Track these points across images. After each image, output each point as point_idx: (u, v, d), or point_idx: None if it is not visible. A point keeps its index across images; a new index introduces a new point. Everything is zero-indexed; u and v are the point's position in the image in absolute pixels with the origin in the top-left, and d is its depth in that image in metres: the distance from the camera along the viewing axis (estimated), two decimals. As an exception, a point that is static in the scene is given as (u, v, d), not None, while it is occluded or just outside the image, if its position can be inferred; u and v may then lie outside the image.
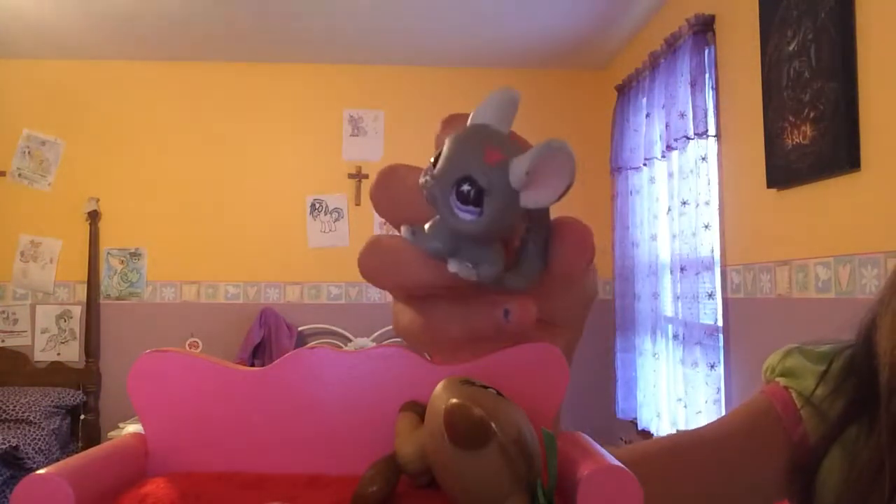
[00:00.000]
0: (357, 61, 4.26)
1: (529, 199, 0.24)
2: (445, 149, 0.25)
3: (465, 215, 0.24)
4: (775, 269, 2.42)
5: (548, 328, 0.31)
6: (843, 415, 0.56)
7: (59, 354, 4.14)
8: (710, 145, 2.83)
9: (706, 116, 2.81)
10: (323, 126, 4.31)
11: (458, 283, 0.26)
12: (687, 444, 0.62)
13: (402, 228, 0.26)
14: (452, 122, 0.27)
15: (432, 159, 0.25)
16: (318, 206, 4.28)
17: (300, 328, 4.15)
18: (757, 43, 2.46)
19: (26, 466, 3.32)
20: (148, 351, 0.27)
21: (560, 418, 0.33)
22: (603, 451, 0.24)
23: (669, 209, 3.12)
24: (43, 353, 4.13)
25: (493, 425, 0.21)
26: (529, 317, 0.26)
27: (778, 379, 0.62)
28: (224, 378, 0.27)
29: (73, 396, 3.91)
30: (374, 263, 0.27)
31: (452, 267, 0.25)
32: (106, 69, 4.24)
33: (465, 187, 0.24)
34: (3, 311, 4.15)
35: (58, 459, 0.60)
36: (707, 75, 2.86)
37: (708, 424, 0.64)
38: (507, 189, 0.24)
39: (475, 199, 0.24)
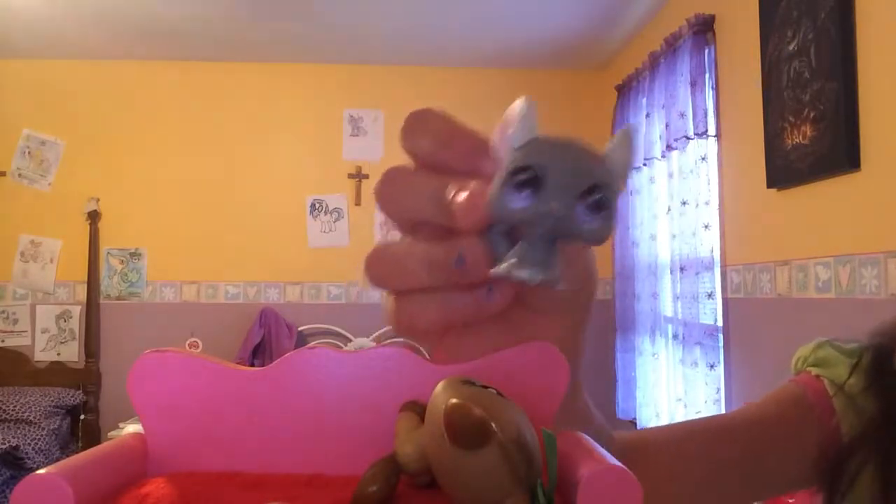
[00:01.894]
0: (357, 61, 4.26)
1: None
2: (553, 159, 0.23)
3: (594, 223, 0.23)
4: (775, 269, 2.42)
5: (541, 316, 0.30)
6: (876, 414, 0.56)
7: (59, 354, 4.14)
8: (710, 145, 2.82)
9: (706, 116, 2.81)
10: (323, 126, 4.30)
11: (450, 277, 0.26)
12: (717, 427, 0.62)
13: (503, 267, 0.24)
14: (422, 119, 0.26)
15: (507, 173, 0.23)
16: (318, 206, 4.28)
17: (300, 328, 4.15)
18: (757, 43, 2.46)
19: (26, 466, 3.32)
20: (148, 351, 0.27)
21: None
22: (603, 451, 0.24)
23: (669, 209, 3.11)
24: (43, 353, 4.13)
25: (493, 425, 0.21)
26: (510, 293, 0.27)
27: (809, 368, 0.62)
28: (224, 378, 0.27)
29: (73, 396, 3.91)
30: (381, 272, 0.27)
31: (533, 275, 0.23)
32: (106, 69, 4.24)
33: (597, 195, 0.23)
34: (3, 311, 4.15)
35: (58, 459, 0.60)
36: (707, 75, 2.86)
37: (737, 409, 0.64)
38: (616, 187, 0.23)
39: (601, 205, 0.23)
